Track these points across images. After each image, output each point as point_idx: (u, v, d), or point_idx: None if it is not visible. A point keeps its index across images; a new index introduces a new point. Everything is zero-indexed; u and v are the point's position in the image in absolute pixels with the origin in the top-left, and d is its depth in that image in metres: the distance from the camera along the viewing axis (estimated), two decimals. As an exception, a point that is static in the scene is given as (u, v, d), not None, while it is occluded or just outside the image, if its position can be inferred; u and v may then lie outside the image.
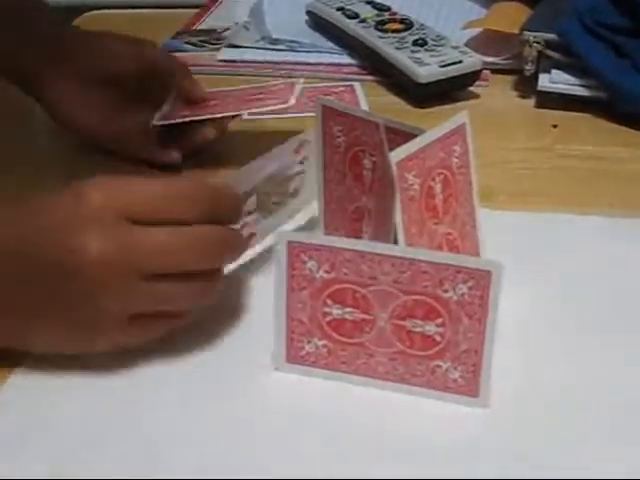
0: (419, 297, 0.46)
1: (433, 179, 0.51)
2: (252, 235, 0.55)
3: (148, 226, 0.47)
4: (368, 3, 0.91)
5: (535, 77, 0.81)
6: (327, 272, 0.47)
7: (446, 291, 0.46)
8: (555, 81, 0.79)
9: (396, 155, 0.49)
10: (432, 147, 0.50)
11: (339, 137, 0.54)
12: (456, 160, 0.52)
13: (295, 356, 0.49)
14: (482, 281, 0.45)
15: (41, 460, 0.45)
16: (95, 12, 1.10)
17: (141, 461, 0.45)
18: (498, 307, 0.45)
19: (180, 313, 0.50)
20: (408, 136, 0.51)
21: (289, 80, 0.78)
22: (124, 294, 0.47)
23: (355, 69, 0.88)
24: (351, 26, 0.88)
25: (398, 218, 0.48)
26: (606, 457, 0.45)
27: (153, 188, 0.48)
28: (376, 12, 0.89)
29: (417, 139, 0.50)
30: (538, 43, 0.80)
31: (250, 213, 0.55)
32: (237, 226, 0.52)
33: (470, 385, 0.47)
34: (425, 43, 0.83)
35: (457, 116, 0.52)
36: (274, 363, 0.50)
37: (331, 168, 0.55)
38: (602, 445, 0.45)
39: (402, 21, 0.87)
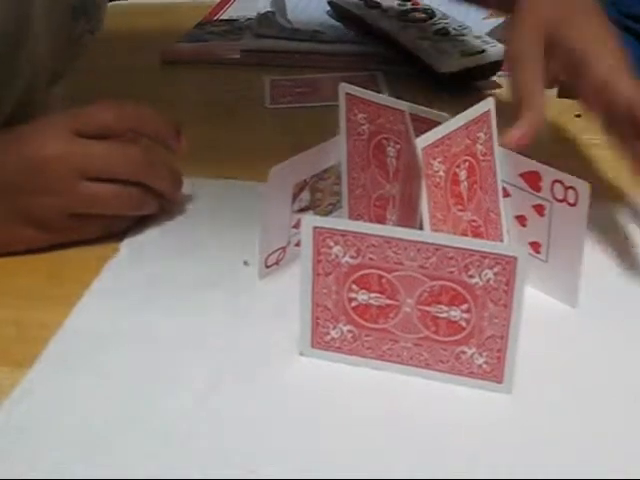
0: (445, 283, 0.46)
1: (458, 166, 0.51)
2: None
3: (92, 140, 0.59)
4: (391, -8, 0.92)
5: (558, 67, 0.81)
6: (353, 257, 0.47)
7: (472, 277, 0.46)
8: (578, 71, 0.79)
9: (422, 141, 0.49)
10: (457, 134, 0.50)
11: (363, 125, 0.54)
12: (481, 147, 0.52)
13: (320, 341, 0.49)
14: (508, 267, 0.45)
15: (72, 444, 0.45)
16: (116, 3, 1.10)
17: (163, 445, 0.45)
18: (524, 293, 0.45)
19: (112, 217, 0.59)
20: (433, 123, 0.51)
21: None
22: (66, 189, 0.57)
23: (377, 59, 0.88)
24: (373, 16, 0.88)
25: (423, 204, 0.48)
26: (630, 445, 0.45)
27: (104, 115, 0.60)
28: (398, 2, 0.89)
29: (443, 125, 0.50)
30: (561, 33, 0.80)
31: (303, 210, 0.55)
32: (292, 223, 0.54)
33: (495, 371, 0.47)
34: (447, 33, 0.83)
35: (482, 103, 0.52)
36: (299, 348, 0.50)
37: (355, 155, 0.55)
38: (626, 433, 0.45)
39: (424, 11, 0.87)
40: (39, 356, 0.50)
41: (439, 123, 0.50)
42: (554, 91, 0.81)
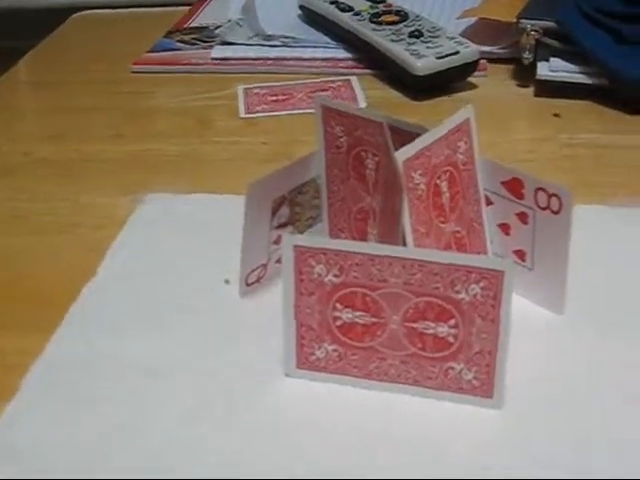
0: (430, 299, 0.45)
1: (439, 177, 0.50)
2: None
3: None
4: (361, -6, 0.91)
5: (533, 65, 0.80)
6: (336, 276, 0.46)
7: (458, 292, 0.45)
8: (554, 69, 0.79)
9: (401, 154, 0.48)
10: (437, 145, 0.50)
11: (341, 137, 0.53)
12: (461, 156, 0.51)
13: (305, 362, 0.49)
14: (494, 281, 0.44)
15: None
16: (84, 12, 1.09)
17: (150, 472, 0.44)
18: (511, 306, 0.45)
19: None
20: (411, 135, 0.50)
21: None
22: None
23: (351, 63, 0.87)
24: (345, 19, 0.87)
25: (406, 219, 0.48)
26: (625, 453, 0.44)
27: None
28: (370, 4, 0.88)
29: (422, 137, 0.49)
30: (536, 31, 0.79)
31: (283, 226, 0.54)
32: (272, 239, 0.53)
33: (484, 386, 0.46)
34: (421, 35, 0.82)
35: (461, 111, 0.52)
36: (284, 369, 0.49)
37: (334, 168, 0.54)
38: (619, 440, 0.45)
39: (397, 13, 0.86)
40: (20, 386, 0.49)
41: (418, 134, 0.49)
42: (531, 90, 0.81)
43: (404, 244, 0.48)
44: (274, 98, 0.81)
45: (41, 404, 0.48)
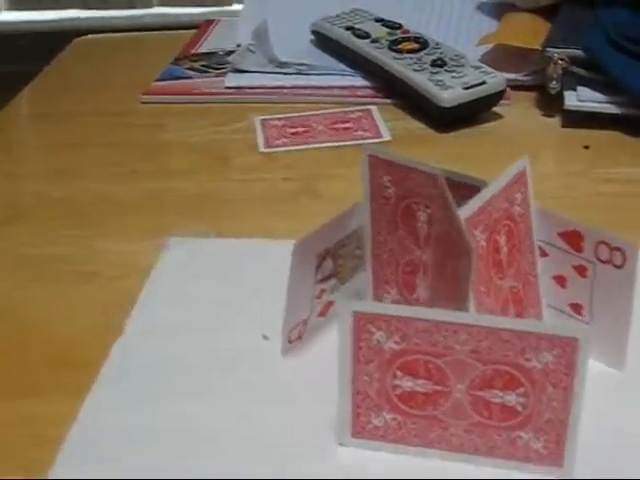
0: (499, 367, 0.43)
1: (498, 232, 0.48)
2: (330, 303, 0.52)
3: None
4: (378, 21, 0.88)
5: (559, 94, 0.78)
6: (397, 343, 0.44)
7: (529, 360, 0.42)
8: (582, 99, 0.76)
9: (464, 212, 0.45)
10: (497, 199, 0.47)
11: (389, 188, 0.51)
12: (518, 208, 0.49)
13: (361, 431, 0.46)
14: (568, 349, 0.42)
15: None
16: (85, 37, 1.06)
17: None
18: (586, 374, 0.42)
19: None
20: (465, 186, 0.48)
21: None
22: None
23: (370, 92, 0.84)
24: (363, 47, 0.84)
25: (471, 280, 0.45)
26: None
27: None
28: (388, 31, 0.86)
29: (483, 192, 0.46)
30: (563, 60, 0.77)
31: (326, 279, 0.51)
32: (315, 293, 0.51)
33: (554, 455, 0.44)
34: (444, 63, 0.79)
35: (517, 163, 0.49)
36: (338, 438, 0.46)
37: (381, 219, 0.52)
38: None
39: (416, 40, 0.84)
40: (53, 460, 0.46)
41: (476, 187, 0.47)
42: (557, 120, 0.79)
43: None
44: (293, 130, 0.78)
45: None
